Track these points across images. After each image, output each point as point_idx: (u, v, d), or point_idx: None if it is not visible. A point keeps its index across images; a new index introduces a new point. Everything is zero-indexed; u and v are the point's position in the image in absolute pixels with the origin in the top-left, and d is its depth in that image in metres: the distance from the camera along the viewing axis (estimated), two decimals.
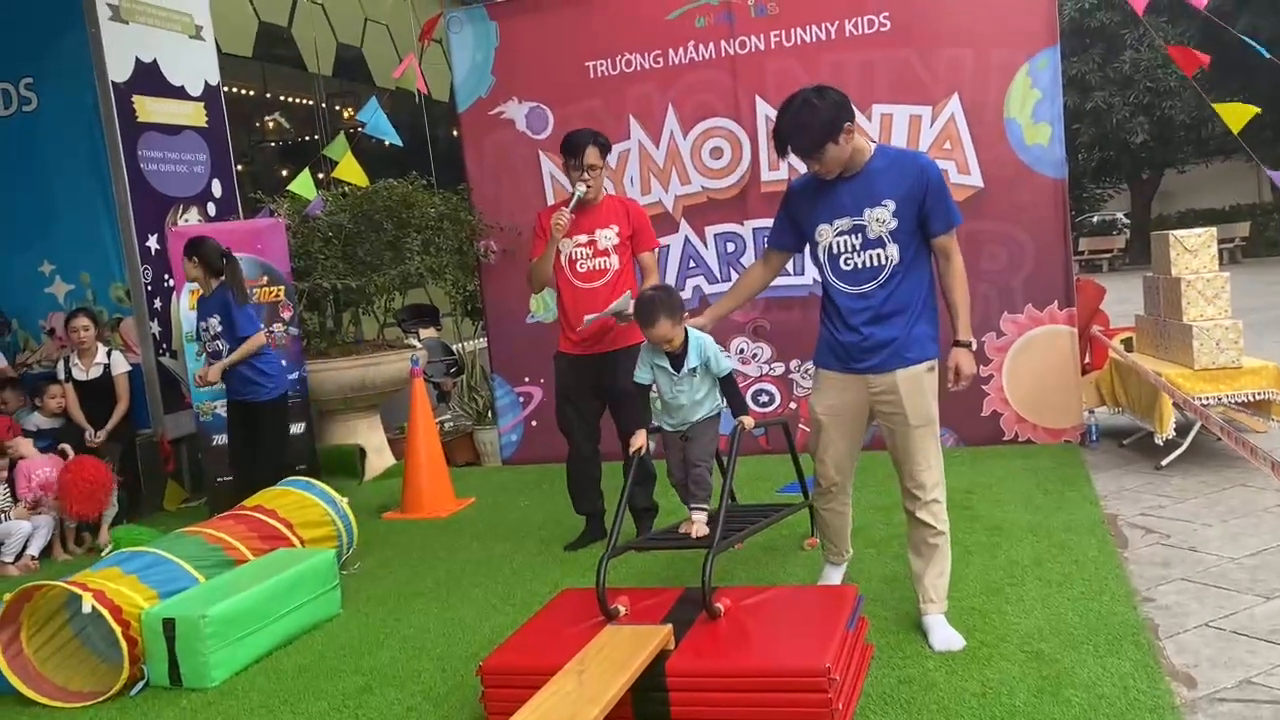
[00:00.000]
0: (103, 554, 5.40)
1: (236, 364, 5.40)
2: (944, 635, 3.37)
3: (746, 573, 4.31)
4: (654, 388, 3.83)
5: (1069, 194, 6.33)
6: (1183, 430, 5.59)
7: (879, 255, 3.37)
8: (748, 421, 3.70)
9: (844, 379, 3.49)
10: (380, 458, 7.30)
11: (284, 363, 6.17)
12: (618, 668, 2.76)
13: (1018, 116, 6.14)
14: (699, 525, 3.65)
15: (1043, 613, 3.57)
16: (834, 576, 3.91)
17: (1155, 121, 23.29)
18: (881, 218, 3.34)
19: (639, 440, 3.71)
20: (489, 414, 7.51)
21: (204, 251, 5.46)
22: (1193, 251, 5.87)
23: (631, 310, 4.59)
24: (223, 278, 5.48)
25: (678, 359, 3.68)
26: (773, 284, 4.02)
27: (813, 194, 3.48)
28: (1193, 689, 3.00)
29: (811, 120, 3.24)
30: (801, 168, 3.55)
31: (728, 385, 3.78)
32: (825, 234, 3.44)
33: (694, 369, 3.66)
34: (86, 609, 3.68)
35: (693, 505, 3.72)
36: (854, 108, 3.34)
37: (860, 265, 3.39)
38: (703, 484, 3.73)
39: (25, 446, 5.94)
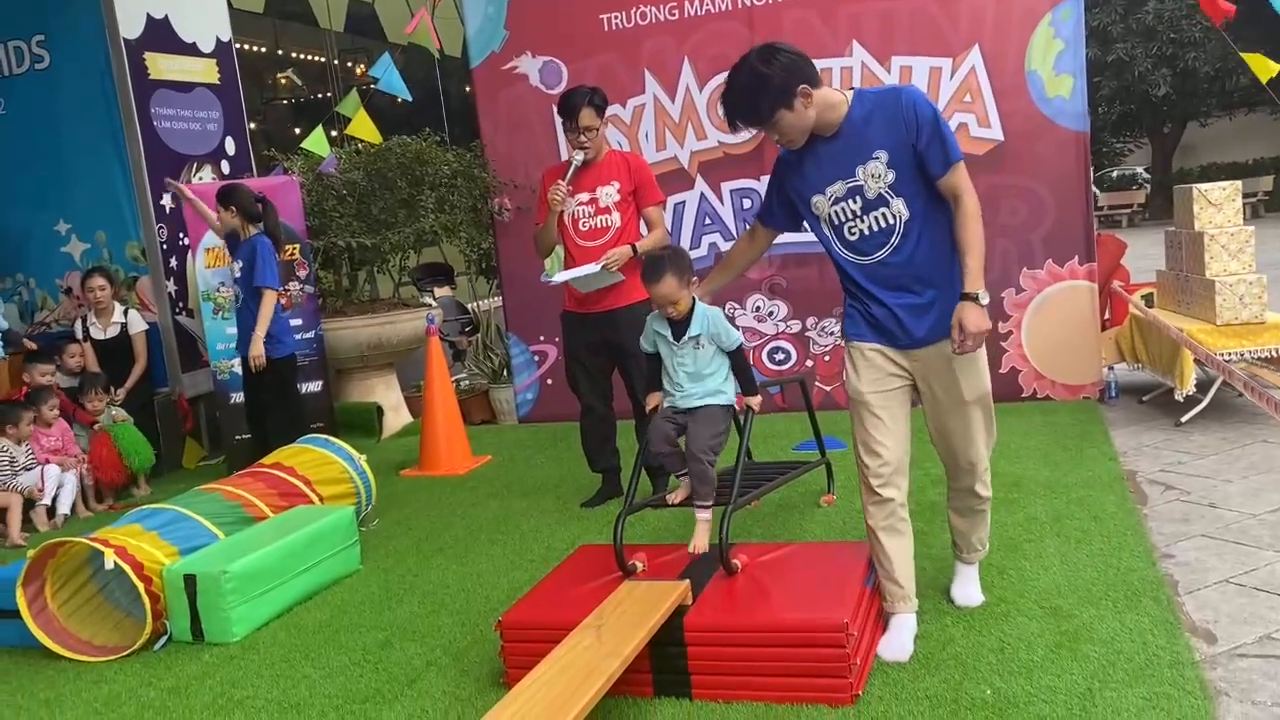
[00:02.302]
0: (141, 504, 5.41)
1: (265, 331, 5.37)
2: (969, 591, 3.34)
3: (763, 529, 4.31)
4: None
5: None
6: (1203, 386, 5.55)
7: (885, 215, 2.97)
8: (754, 403, 3.52)
9: (887, 350, 3.08)
10: (397, 416, 7.33)
11: (293, 322, 6.18)
12: (636, 623, 2.77)
13: (1039, 69, 6.03)
14: (699, 535, 3.37)
15: (1061, 569, 3.56)
16: (905, 630, 3.10)
17: (1178, 73, 22.90)
18: (877, 173, 2.93)
19: (654, 400, 3.67)
20: (504, 372, 7.51)
21: (239, 198, 5.44)
22: (1216, 205, 5.78)
23: (599, 269, 4.58)
24: (260, 224, 5.46)
25: (679, 327, 3.42)
26: (790, 240, 3.90)
27: (800, 163, 3.07)
28: (1212, 644, 2.99)
29: (758, 89, 2.86)
30: None
31: (737, 359, 3.49)
32: (821, 205, 3.04)
33: (695, 337, 3.38)
34: (109, 565, 3.71)
35: (697, 503, 3.42)
36: (814, 68, 2.92)
37: (866, 231, 2.99)
38: (706, 480, 3.39)
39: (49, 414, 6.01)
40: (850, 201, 2.99)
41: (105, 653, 3.74)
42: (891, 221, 2.97)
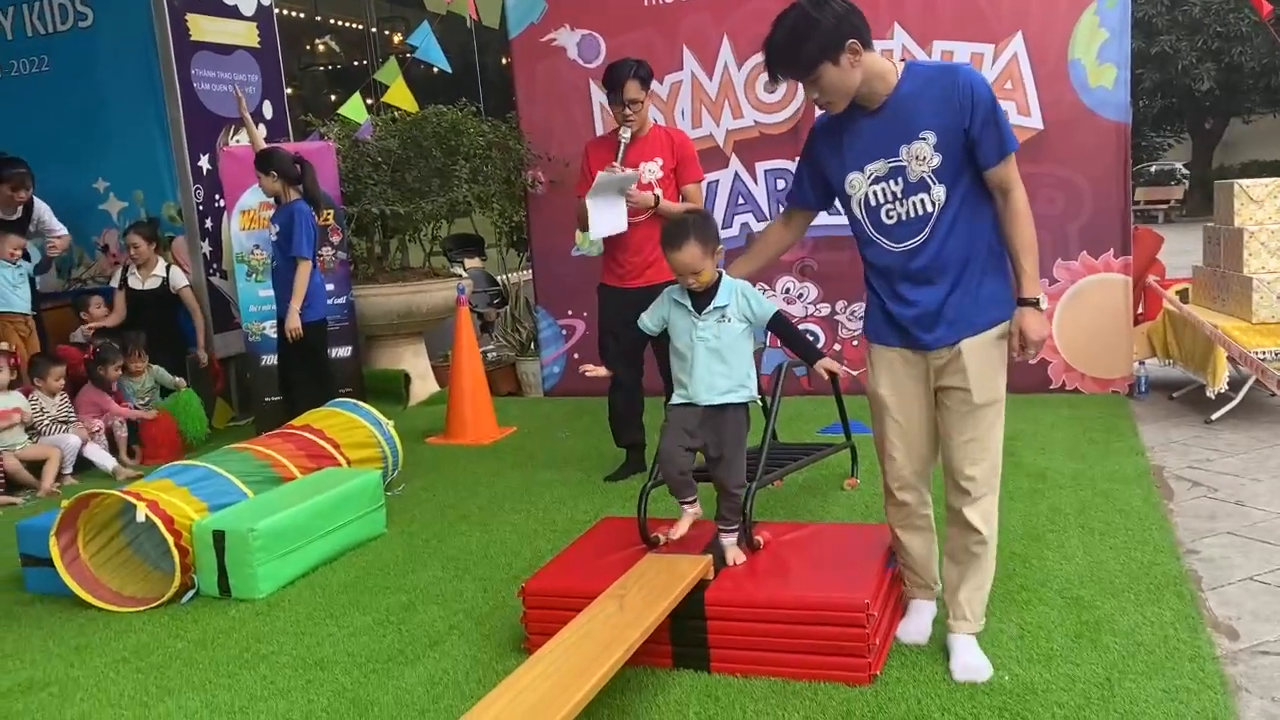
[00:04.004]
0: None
1: (301, 303, 5.38)
2: (969, 662, 2.85)
3: (786, 510, 4.32)
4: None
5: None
6: (1235, 385, 5.50)
7: (923, 201, 2.74)
8: (831, 365, 3.29)
9: (906, 353, 2.88)
10: (424, 384, 7.38)
11: (328, 287, 6.22)
12: (658, 595, 2.80)
13: (1082, 57, 5.96)
14: (733, 551, 3.17)
15: (1084, 560, 3.56)
16: (924, 614, 3.05)
17: (1223, 68, 22.55)
18: (922, 154, 2.71)
19: (602, 371, 3.56)
20: (532, 345, 7.54)
21: (277, 162, 5.45)
22: (1258, 202, 5.71)
23: (630, 180, 4.53)
24: (300, 185, 5.47)
25: (702, 299, 3.13)
26: (823, 223, 3.70)
27: (837, 137, 2.85)
28: (1234, 641, 2.98)
29: (804, 34, 2.64)
30: None
31: (783, 328, 3.21)
32: (858, 184, 2.81)
33: (721, 309, 3.10)
34: (140, 518, 3.78)
35: (723, 529, 3.19)
36: (868, 27, 2.73)
37: (904, 216, 2.77)
38: (738, 511, 3.18)
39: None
40: (891, 182, 2.77)
41: (133, 603, 3.81)
42: (929, 209, 2.75)
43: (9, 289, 6.24)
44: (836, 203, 2.98)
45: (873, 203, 2.82)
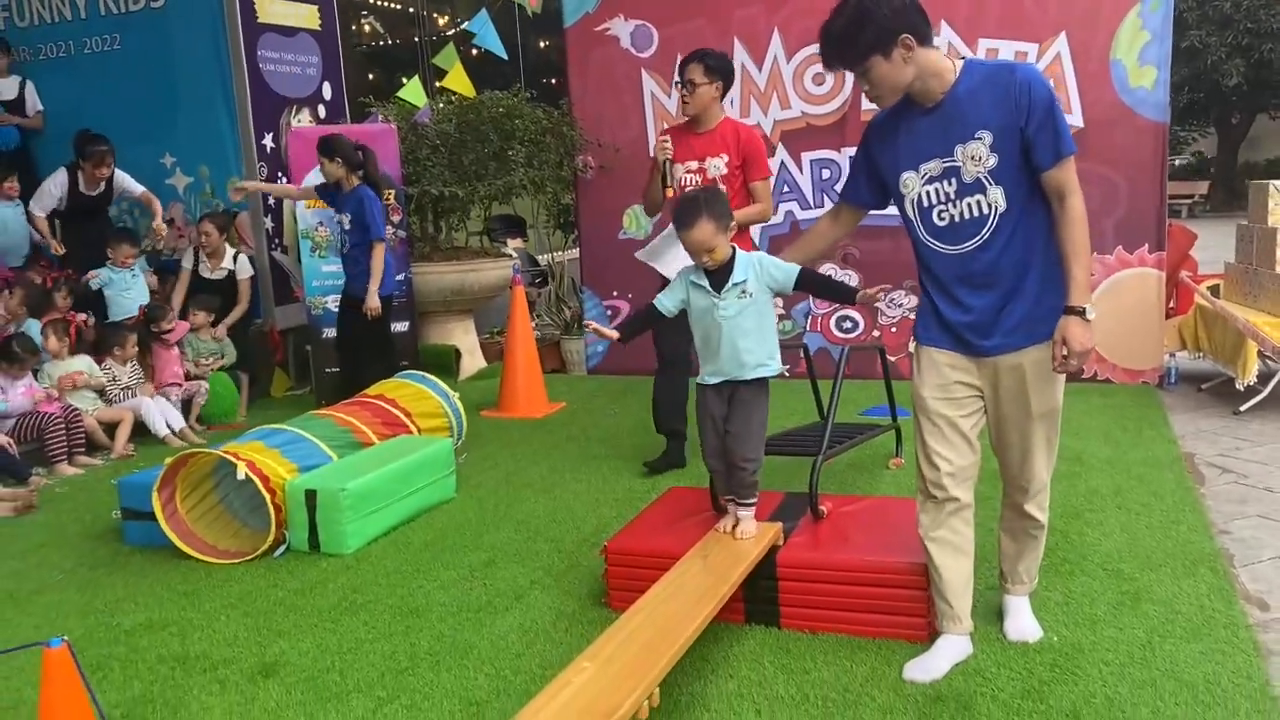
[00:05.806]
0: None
1: (379, 282, 5.60)
2: (1022, 623, 3.05)
3: (834, 485, 4.55)
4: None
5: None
6: (1264, 378, 5.71)
7: (979, 203, 2.70)
8: (870, 292, 3.18)
9: (956, 357, 2.83)
10: (473, 359, 7.65)
11: (393, 263, 6.47)
12: (738, 556, 3.05)
13: (1124, 58, 6.16)
14: (746, 524, 3.23)
15: (1122, 536, 3.80)
16: (949, 651, 2.89)
17: (1251, 64, 22.56)
18: (977, 155, 2.66)
19: (609, 333, 3.54)
20: (576, 324, 7.79)
21: (341, 148, 5.66)
22: None
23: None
24: (362, 171, 5.68)
25: (719, 277, 3.14)
26: None
27: (893, 134, 2.81)
28: (1265, 611, 3.22)
29: (858, 24, 2.61)
30: None
31: (812, 281, 3.22)
32: (911, 184, 2.78)
33: (740, 284, 3.11)
34: (240, 476, 4.05)
35: (740, 502, 3.26)
36: (928, 22, 2.69)
37: (957, 218, 2.73)
38: (751, 487, 3.24)
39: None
40: (945, 183, 2.73)
41: (227, 556, 4.09)
42: (985, 211, 2.71)
43: (122, 294, 6.51)
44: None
45: (925, 203, 2.78)
